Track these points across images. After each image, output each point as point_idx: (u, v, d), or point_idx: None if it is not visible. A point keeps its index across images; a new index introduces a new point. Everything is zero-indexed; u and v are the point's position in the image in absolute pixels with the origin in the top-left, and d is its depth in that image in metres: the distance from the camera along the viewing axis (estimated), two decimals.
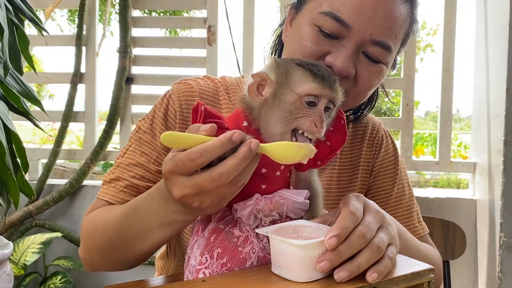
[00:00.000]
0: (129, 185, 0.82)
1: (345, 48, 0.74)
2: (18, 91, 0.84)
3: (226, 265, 0.59)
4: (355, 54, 0.75)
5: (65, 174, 3.84)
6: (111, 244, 0.74)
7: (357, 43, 0.74)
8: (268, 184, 0.61)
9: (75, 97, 2.13)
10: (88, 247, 0.80)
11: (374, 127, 0.97)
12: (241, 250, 0.60)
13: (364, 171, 0.94)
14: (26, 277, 1.89)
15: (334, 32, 0.74)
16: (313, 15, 0.76)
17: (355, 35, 0.73)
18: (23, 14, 0.90)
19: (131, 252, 0.72)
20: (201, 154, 0.52)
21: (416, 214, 0.94)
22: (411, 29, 0.81)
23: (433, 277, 0.58)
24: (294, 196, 0.61)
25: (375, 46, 0.74)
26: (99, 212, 0.81)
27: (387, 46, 0.75)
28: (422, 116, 16.54)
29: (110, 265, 0.79)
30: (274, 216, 0.61)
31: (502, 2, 1.77)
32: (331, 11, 0.73)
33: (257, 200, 0.60)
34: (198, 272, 0.60)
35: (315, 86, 0.57)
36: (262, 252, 0.60)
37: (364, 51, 0.75)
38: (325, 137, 0.63)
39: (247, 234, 0.60)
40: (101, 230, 0.76)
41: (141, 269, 0.74)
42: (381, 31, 0.74)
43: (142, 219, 0.68)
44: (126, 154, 0.86)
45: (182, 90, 0.88)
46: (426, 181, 5.02)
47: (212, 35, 2.06)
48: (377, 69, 0.78)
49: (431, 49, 9.32)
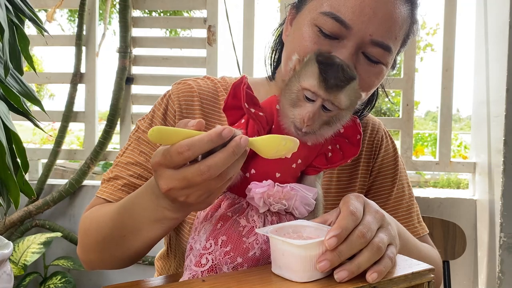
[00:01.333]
0: (127, 184, 0.83)
1: (345, 48, 0.74)
2: (18, 91, 0.84)
3: (229, 253, 0.60)
4: (355, 55, 0.75)
5: (65, 174, 3.84)
6: (105, 241, 0.74)
7: (357, 43, 0.74)
8: (283, 174, 0.63)
9: (75, 97, 2.13)
10: (84, 244, 0.80)
11: (374, 127, 0.97)
12: (245, 240, 0.61)
13: (364, 171, 0.94)
14: (26, 277, 1.89)
15: (334, 33, 0.74)
16: (313, 15, 0.76)
17: (355, 35, 0.73)
18: (23, 14, 0.90)
19: (123, 250, 0.72)
20: (188, 147, 0.52)
21: (416, 214, 0.94)
22: (412, 29, 0.81)
23: (433, 277, 0.58)
24: (304, 191, 0.63)
25: (375, 46, 0.74)
26: (94, 210, 0.81)
27: (387, 47, 0.75)
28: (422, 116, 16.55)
29: (106, 263, 0.79)
30: (282, 205, 0.62)
31: (502, 2, 1.77)
32: (332, 11, 0.73)
33: (270, 186, 0.61)
34: (201, 256, 0.61)
35: (314, 84, 0.60)
36: (265, 245, 0.61)
37: (364, 51, 0.75)
38: (339, 146, 0.67)
39: (252, 225, 0.62)
40: (95, 228, 0.76)
41: (141, 269, 0.75)
42: (381, 32, 0.74)
43: (133, 216, 0.68)
44: (125, 153, 0.87)
45: (182, 91, 0.88)
46: (426, 181, 5.02)
47: (212, 35, 2.06)
48: (376, 70, 0.78)
49: (431, 48, 9.33)
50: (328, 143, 0.66)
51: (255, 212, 0.63)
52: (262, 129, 0.62)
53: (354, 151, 0.66)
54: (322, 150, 0.66)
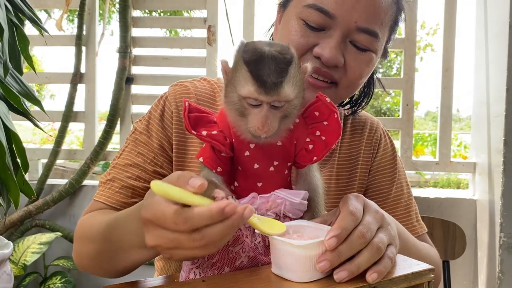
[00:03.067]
0: (125, 186, 0.82)
1: (332, 38, 0.76)
2: (18, 91, 0.84)
3: (216, 264, 0.59)
4: (343, 44, 0.76)
5: (65, 174, 3.84)
6: (96, 253, 0.73)
7: (343, 32, 0.75)
8: (264, 182, 0.61)
9: (75, 97, 2.13)
10: (78, 251, 0.79)
11: (373, 126, 0.97)
12: (231, 250, 0.60)
13: (363, 170, 0.94)
14: (26, 277, 1.89)
15: (320, 24, 0.76)
16: (298, 10, 0.78)
17: (340, 24, 0.75)
18: (23, 14, 0.90)
19: (115, 264, 0.70)
20: (185, 221, 0.48)
21: (414, 213, 0.95)
22: (399, 16, 0.82)
23: (433, 277, 0.58)
24: (290, 196, 0.61)
25: (361, 33, 0.76)
26: (90, 217, 0.80)
27: (373, 32, 0.77)
28: (422, 116, 16.55)
29: (99, 272, 0.77)
30: (270, 216, 0.60)
31: (502, 2, 1.77)
32: (315, 3, 0.75)
33: (253, 198, 0.60)
34: (189, 271, 0.60)
35: (253, 90, 0.54)
36: (253, 252, 0.60)
37: (351, 40, 0.77)
38: (319, 132, 0.62)
39: (239, 233, 0.60)
40: (88, 238, 0.76)
41: (141, 269, 0.74)
42: (366, 18, 0.75)
43: (121, 237, 0.66)
44: (123, 155, 0.86)
45: (179, 92, 0.88)
46: (426, 181, 5.02)
47: (212, 35, 2.06)
48: (366, 57, 0.79)
49: (431, 48, 9.33)
50: (305, 136, 0.62)
51: None
52: (222, 147, 0.58)
53: (336, 134, 0.60)
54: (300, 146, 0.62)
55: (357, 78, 0.80)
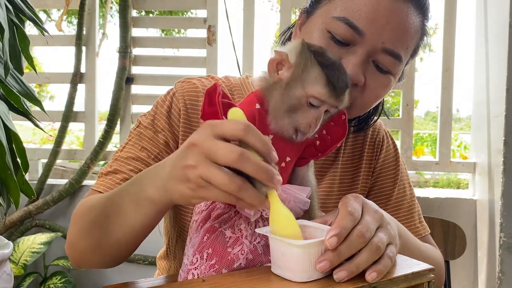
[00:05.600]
0: (126, 178, 0.79)
1: (356, 55, 0.73)
2: (18, 91, 0.84)
3: (214, 266, 0.59)
4: (365, 63, 0.74)
5: (65, 174, 3.84)
6: (92, 223, 0.71)
7: (368, 50, 0.73)
8: None
9: (75, 97, 2.13)
10: (71, 235, 0.76)
11: (375, 128, 0.97)
12: (230, 251, 0.59)
13: (366, 172, 0.94)
14: (26, 277, 1.89)
15: (346, 39, 0.73)
16: (325, 19, 0.75)
17: (367, 42, 0.73)
18: (24, 14, 0.90)
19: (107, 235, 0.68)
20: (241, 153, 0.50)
21: (417, 214, 0.94)
22: (422, 41, 0.81)
23: (433, 277, 0.58)
24: (297, 192, 0.62)
25: (386, 54, 0.74)
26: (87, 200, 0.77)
27: (397, 56, 0.74)
28: (422, 116, 16.55)
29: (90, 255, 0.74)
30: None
31: (502, 2, 1.77)
32: (346, 16, 0.73)
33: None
34: (188, 272, 0.60)
35: (325, 92, 0.58)
36: (252, 254, 0.60)
37: (374, 59, 0.75)
38: (325, 131, 0.64)
39: (238, 235, 0.60)
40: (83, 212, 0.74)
41: (141, 269, 0.74)
42: (394, 40, 0.73)
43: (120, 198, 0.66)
44: (125, 148, 0.84)
45: (187, 90, 0.87)
46: (426, 181, 5.01)
47: (212, 35, 2.06)
48: (385, 80, 0.77)
49: (430, 49, 9.31)
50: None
51: (243, 220, 0.61)
52: None
53: (342, 134, 0.64)
54: (310, 141, 0.64)
55: (373, 100, 0.79)
